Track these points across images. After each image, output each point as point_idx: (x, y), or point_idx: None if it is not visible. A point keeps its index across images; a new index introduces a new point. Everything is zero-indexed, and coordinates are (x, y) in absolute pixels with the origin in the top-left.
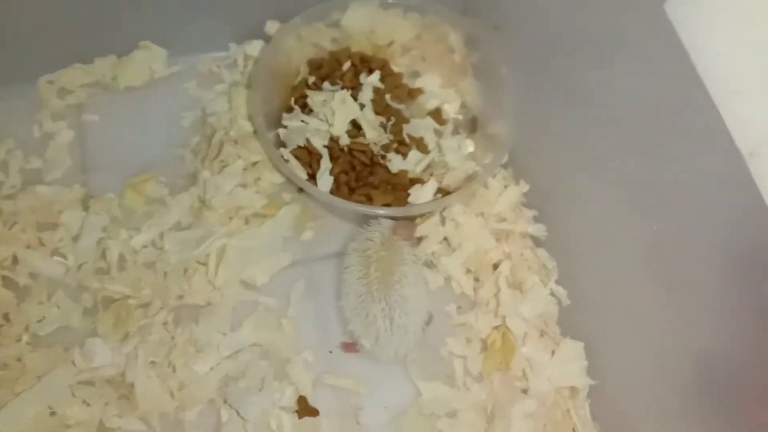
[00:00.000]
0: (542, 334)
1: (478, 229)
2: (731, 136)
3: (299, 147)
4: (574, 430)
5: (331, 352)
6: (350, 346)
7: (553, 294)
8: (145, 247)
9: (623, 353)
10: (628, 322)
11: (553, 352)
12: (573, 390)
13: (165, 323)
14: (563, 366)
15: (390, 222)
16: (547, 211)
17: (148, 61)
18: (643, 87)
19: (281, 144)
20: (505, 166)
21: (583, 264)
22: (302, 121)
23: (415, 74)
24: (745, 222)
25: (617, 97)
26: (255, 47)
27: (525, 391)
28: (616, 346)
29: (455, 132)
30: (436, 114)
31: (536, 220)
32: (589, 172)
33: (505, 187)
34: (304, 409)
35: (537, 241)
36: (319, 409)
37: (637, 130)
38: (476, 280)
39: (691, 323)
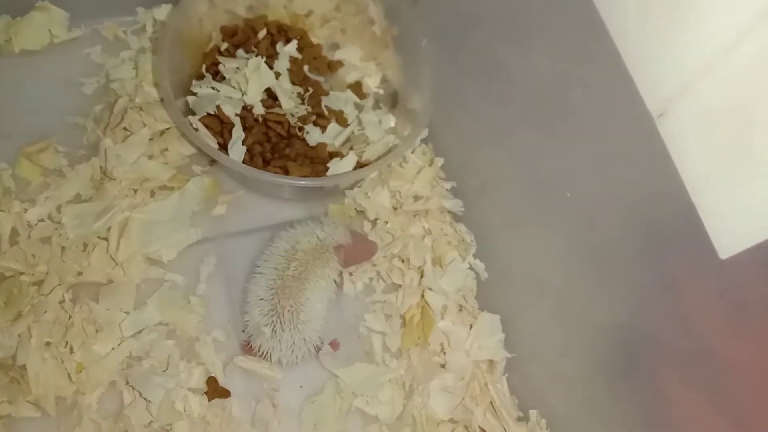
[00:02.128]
0: (461, 308)
1: (397, 206)
2: (642, 100)
3: (209, 115)
4: (492, 403)
5: (244, 331)
6: (249, 350)
7: (471, 268)
8: (41, 220)
9: (539, 326)
10: (543, 294)
11: (470, 326)
12: (491, 363)
13: (62, 301)
14: (481, 339)
15: (347, 239)
16: (466, 185)
17: (47, 23)
18: (557, 56)
19: (190, 112)
20: (425, 141)
21: (500, 237)
22: (213, 88)
23: (335, 46)
24: (655, 190)
25: (532, 69)
26: (164, 12)
27: (443, 366)
28: (533, 319)
29: (376, 106)
30: (357, 87)
31: (455, 193)
32: (504, 146)
33: (422, 167)
34: (215, 390)
35: (455, 216)
36: (232, 390)
37: (551, 102)
38: (401, 260)
39: (603, 295)
